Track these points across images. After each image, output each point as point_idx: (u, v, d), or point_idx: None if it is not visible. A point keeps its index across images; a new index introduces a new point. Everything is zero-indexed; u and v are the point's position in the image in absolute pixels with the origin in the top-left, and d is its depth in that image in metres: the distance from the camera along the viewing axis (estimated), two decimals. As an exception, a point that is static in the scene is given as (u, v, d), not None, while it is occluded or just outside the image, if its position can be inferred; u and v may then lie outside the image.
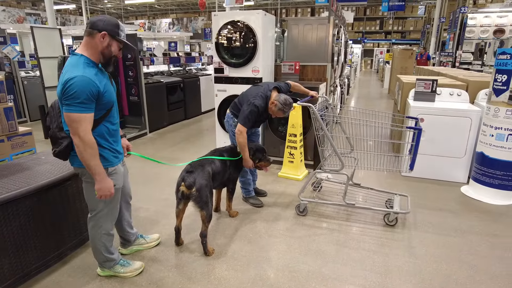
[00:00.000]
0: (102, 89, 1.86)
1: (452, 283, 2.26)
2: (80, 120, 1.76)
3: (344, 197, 3.10)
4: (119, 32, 1.90)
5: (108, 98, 1.92)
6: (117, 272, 2.30)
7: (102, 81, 1.88)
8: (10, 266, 2.15)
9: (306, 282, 2.26)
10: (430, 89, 4.15)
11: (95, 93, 1.81)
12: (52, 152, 2.02)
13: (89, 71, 1.82)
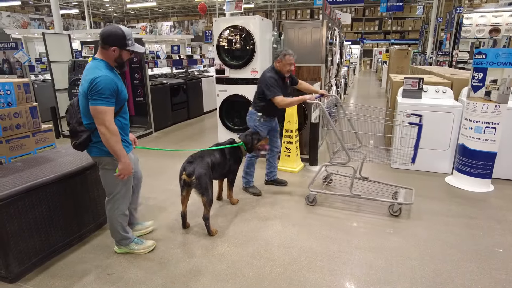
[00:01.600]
0: (120, 87, 2.22)
1: (427, 256, 2.57)
2: (106, 112, 2.10)
3: (351, 189, 3.30)
4: (127, 42, 2.20)
5: (123, 95, 2.28)
6: (132, 249, 2.62)
7: (118, 81, 2.24)
8: (40, 243, 2.48)
9: (298, 256, 2.58)
10: (417, 87, 4.46)
11: (115, 89, 2.16)
12: (72, 144, 2.34)
13: (109, 73, 2.18)
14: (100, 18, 27.23)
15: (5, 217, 2.21)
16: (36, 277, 2.39)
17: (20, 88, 3.02)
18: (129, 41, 2.21)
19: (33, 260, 2.45)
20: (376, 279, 2.32)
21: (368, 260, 2.54)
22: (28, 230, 2.38)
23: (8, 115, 2.92)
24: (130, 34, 2.22)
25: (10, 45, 7.68)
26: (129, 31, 2.23)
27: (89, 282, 2.33)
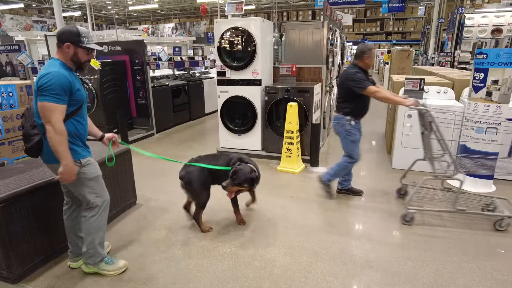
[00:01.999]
0: (74, 86, 2.08)
1: (428, 256, 2.56)
2: (53, 109, 1.97)
3: (456, 203, 3.00)
4: (81, 39, 2.08)
5: (79, 96, 2.14)
6: (101, 269, 2.40)
7: (74, 80, 2.11)
8: (42, 244, 2.49)
9: (299, 257, 2.58)
10: (418, 87, 4.45)
11: (68, 87, 2.03)
12: (24, 149, 2.20)
13: (64, 70, 2.05)
14: (102, 20, 27.36)
15: (7, 218, 2.23)
16: (38, 278, 2.40)
17: (23, 90, 3.05)
18: (84, 38, 2.09)
19: (35, 261, 2.46)
20: (377, 279, 2.32)
21: (369, 260, 2.53)
22: (30, 231, 2.39)
23: (11, 116, 2.94)
24: (87, 33, 2.12)
25: (13, 47, 7.74)
26: (86, 30, 2.14)
27: (90, 283, 2.34)
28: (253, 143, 5.07)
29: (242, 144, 5.13)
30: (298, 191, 3.83)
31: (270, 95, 4.73)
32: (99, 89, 5.87)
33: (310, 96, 4.52)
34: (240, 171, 2.71)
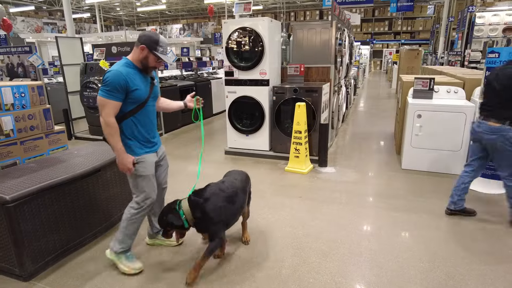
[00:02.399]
0: (132, 85, 2.18)
1: (438, 258, 2.53)
2: (105, 104, 2.12)
3: None
4: (157, 47, 2.20)
5: (136, 95, 2.22)
6: (119, 261, 2.45)
7: (135, 80, 2.21)
8: (53, 242, 2.52)
9: (308, 258, 2.57)
10: (427, 87, 4.41)
11: (123, 86, 2.13)
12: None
13: (125, 69, 2.18)
14: (111, 21, 27.64)
15: (20, 217, 2.26)
16: (49, 275, 2.43)
17: (34, 91, 3.09)
18: (159, 47, 2.20)
19: (46, 259, 2.49)
20: (386, 281, 2.30)
21: (379, 261, 2.51)
22: (41, 230, 2.42)
23: (23, 117, 2.99)
24: (165, 45, 2.23)
25: (25, 49, 7.86)
26: (165, 42, 2.24)
27: (100, 281, 2.37)
28: (261, 143, 5.06)
29: (250, 144, 5.13)
30: (307, 191, 3.82)
31: (278, 95, 4.72)
32: (108, 90, 5.92)
33: (318, 96, 4.50)
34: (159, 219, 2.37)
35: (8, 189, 2.28)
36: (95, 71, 6.07)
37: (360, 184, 3.99)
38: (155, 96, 2.44)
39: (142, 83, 2.28)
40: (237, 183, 2.54)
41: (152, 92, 2.36)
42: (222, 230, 2.36)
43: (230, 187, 2.46)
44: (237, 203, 2.43)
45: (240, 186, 2.53)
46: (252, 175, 4.31)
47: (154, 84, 2.39)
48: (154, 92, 2.39)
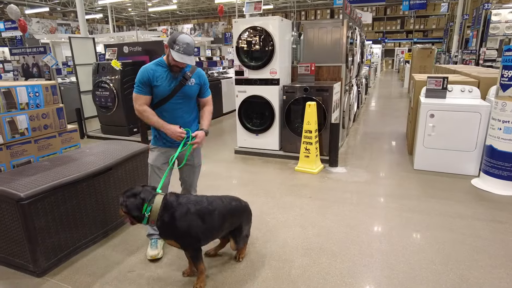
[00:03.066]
0: (155, 81, 2.36)
1: (452, 261, 2.48)
2: (135, 98, 2.40)
3: None
4: (174, 45, 2.26)
5: (158, 91, 2.39)
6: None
7: (160, 76, 2.37)
8: (65, 239, 2.56)
9: (317, 258, 2.55)
10: (441, 86, 4.32)
11: (146, 81, 2.35)
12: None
13: (153, 66, 2.39)
14: (123, 22, 27.97)
15: (33, 214, 2.30)
16: (61, 272, 2.47)
17: (48, 90, 3.14)
18: (176, 45, 2.24)
19: (58, 256, 2.53)
20: (398, 282, 2.26)
21: (390, 262, 2.47)
22: (54, 227, 2.46)
23: (37, 116, 3.04)
24: (182, 43, 2.24)
25: (39, 49, 8.01)
26: (183, 41, 2.24)
27: (111, 279, 2.39)
28: (271, 142, 5.05)
29: (260, 144, 5.13)
30: (317, 191, 3.79)
31: (288, 94, 4.70)
32: (120, 89, 6.00)
33: (329, 95, 4.46)
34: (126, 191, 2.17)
35: (22, 186, 2.32)
36: (107, 70, 6.14)
37: (371, 184, 3.94)
38: (185, 96, 2.48)
39: (166, 81, 2.40)
40: (222, 206, 2.29)
41: (179, 92, 2.44)
42: (194, 243, 2.19)
43: (209, 204, 2.24)
44: (208, 223, 2.19)
45: (223, 211, 2.27)
46: (262, 175, 4.33)
47: (183, 84, 2.45)
48: (182, 92, 2.45)
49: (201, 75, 2.57)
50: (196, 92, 2.56)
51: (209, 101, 2.66)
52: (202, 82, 2.57)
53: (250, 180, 4.19)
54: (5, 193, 2.27)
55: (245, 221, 2.48)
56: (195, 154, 2.66)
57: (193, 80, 2.49)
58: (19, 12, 10.38)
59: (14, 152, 2.86)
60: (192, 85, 2.49)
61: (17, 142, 2.88)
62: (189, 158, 2.56)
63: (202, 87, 2.59)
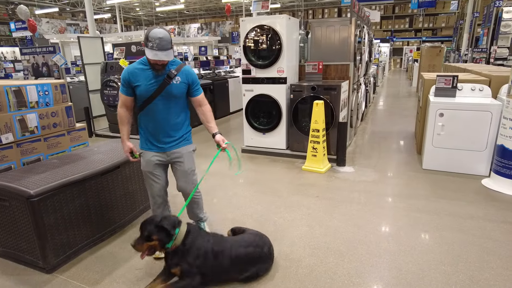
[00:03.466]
0: (135, 81, 2.29)
1: (461, 262, 2.44)
2: (119, 96, 2.41)
3: None
4: (147, 43, 2.13)
5: (140, 92, 2.30)
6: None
7: (139, 76, 2.29)
8: (74, 237, 2.58)
9: (325, 258, 2.53)
10: (450, 85, 4.26)
11: (126, 80, 2.32)
12: None
13: (136, 65, 2.33)
14: (131, 21, 28.15)
15: (43, 211, 2.33)
16: (70, 269, 2.50)
17: (57, 89, 3.17)
18: (149, 42, 2.13)
19: (67, 253, 2.55)
20: (406, 283, 2.23)
21: (398, 263, 2.45)
22: (63, 224, 2.49)
23: (46, 114, 3.07)
24: (154, 38, 2.11)
25: (49, 49, 8.11)
26: (155, 36, 2.11)
27: (119, 276, 2.41)
28: (278, 141, 5.04)
29: (267, 143, 5.12)
30: (324, 190, 3.77)
31: (296, 93, 4.68)
32: (128, 88, 6.03)
33: (337, 94, 4.43)
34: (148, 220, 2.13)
35: (32, 184, 2.35)
36: (115, 69, 6.19)
37: (379, 184, 3.91)
38: (170, 96, 2.34)
39: (147, 81, 2.28)
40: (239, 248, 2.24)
41: (163, 91, 2.30)
42: (196, 276, 2.11)
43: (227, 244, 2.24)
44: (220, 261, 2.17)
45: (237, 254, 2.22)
46: (269, 174, 4.32)
47: (168, 83, 2.30)
48: (166, 91, 2.31)
49: (189, 73, 2.40)
50: (183, 92, 2.39)
51: (202, 99, 2.50)
52: (190, 80, 2.40)
53: (257, 179, 4.18)
54: (16, 190, 2.29)
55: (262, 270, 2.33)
56: (186, 159, 2.51)
57: (179, 78, 2.34)
58: (28, 13, 10.52)
59: (24, 150, 2.90)
60: (177, 84, 2.34)
61: (27, 140, 2.92)
62: (181, 162, 2.49)
63: (191, 85, 2.42)
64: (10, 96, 2.76)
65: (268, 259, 2.35)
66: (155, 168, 2.50)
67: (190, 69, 2.45)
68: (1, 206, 2.41)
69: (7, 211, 2.41)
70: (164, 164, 2.55)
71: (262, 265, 2.31)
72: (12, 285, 2.34)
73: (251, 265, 2.25)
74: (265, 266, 2.34)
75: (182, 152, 2.50)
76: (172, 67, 2.34)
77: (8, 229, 2.47)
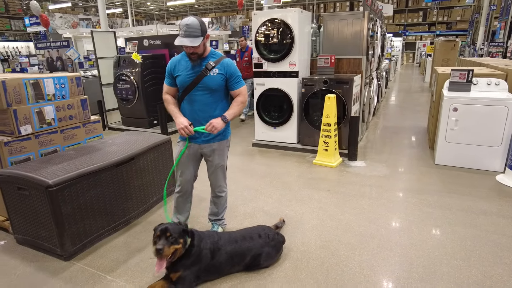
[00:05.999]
0: (176, 71, 2.42)
1: (474, 257, 2.43)
2: (163, 87, 2.52)
3: None
4: (179, 32, 2.24)
5: (179, 82, 2.41)
6: None
7: (181, 66, 2.40)
8: (90, 226, 2.65)
9: (336, 251, 2.55)
10: (465, 79, 4.19)
11: (169, 71, 2.45)
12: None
13: (179, 57, 2.45)
14: (142, 16, 28.29)
15: (61, 200, 2.39)
16: (86, 257, 2.57)
17: (73, 82, 3.24)
18: (179, 31, 2.23)
19: (83, 242, 2.63)
20: (417, 277, 2.24)
21: (409, 257, 2.45)
22: (79, 213, 2.55)
23: (63, 106, 3.14)
24: (183, 25, 2.19)
25: (63, 43, 8.23)
26: (183, 23, 2.19)
27: (133, 264, 2.47)
28: (289, 135, 5.04)
29: (277, 137, 5.13)
30: (335, 185, 3.77)
31: (307, 87, 4.67)
32: (140, 82, 6.10)
33: (349, 87, 4.40)
34: (170, 224, 2.11)
35: (50, 174, 2.42)
36: (128, 63, 6.25)
37: (391, 178, 3.89)
38: (207, 88, 2.37)
39: (186, 71, 2.38)
40: (236, 245, 2.28)
41: (199, 83, 2.34)
42: (192, 279, 2.11)
43: (225, 241, 2.28)
44: (216, 260, 2.20)
45: (233, 251, 2.26)
46: (279, 168, 4.34)
47: (204, 75, 2.33)
48: (203, 83, 2.35)
49: (228, 65, 2.39)
50: (220, 84, 2.39)
51: (241, 92, 2.46)
52: (228, 72, 2.39)
53: (268, 172, 4.20)
54: (35, 180, 2.37)
55: (265, 258, 2.34)
56: (217, 153, 2.52)
57: (216, 70, 2.35)
58: (39, 8, 10.69)
59: (42, 142, 2.97)
60: (214, 75, 2.35)
61: (45, 132, 2.99)
62: (209, 155, 2.51)
63: (229, 78, 2.40)
64: (28, 89, 2.83)
65: (268, 249, 2.35)
66: (186, 160, 2.54)
67: (230, 61, 2.45)
68: (22, 195, 2.49)
69: (27, 200, 2.48)
70: (197, 156, 2.57)
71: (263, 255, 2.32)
72: (33, 271, 2.42)
73: (250, 257, 2.30)
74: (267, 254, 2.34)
75: (214, 147, 2.51)
76: (212, 59, 2.38)
77: (28, 218, 2.55)
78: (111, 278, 2.33)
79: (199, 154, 2.56)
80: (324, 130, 4.32)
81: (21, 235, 2.69)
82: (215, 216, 2.81)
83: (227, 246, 2.26)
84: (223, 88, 2.44)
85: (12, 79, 2.72)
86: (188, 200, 2.73)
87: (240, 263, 2.29)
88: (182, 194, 2.65)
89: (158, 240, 2.01)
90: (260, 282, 2.24)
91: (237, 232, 2.44)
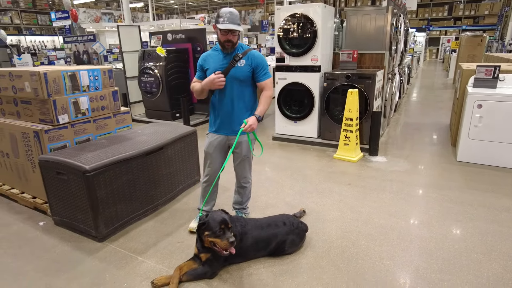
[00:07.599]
0: (206, 65, 2.52)
1: (495, 251, 2.45)
2: (194, 79, 2.64)
3: None
4: (218, 19, 2.32)
5: (209, 73, 2.45)
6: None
7: (210, 60, 2.51)
8: (121, 210, 2.82)
9: (356, 241, 2.62)
10: (491, 76, 4.13)
11: (200, 65, 2.56)
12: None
13: (210, 51, 2.57)
14: (162, 10, 28.65)
15: (96, 185, 2.56)
16: (118, 239, 2.73)
17: (105, 74, 3.40)
18: (220, 18, 2.29)
19: (115, 225, 2.79)
20: (437, 268, 2.28)
21: (429, 249, 2.49)
22: (112, 198, 2.72)
23: (96, 97, 3.31)
24: (225, 13, 2.28)
25: (89, 37, 8.51)
26: (225, 11, 2.29)
27: (162, 247, 2.61)
28: (309, 130, 5.10)
29: (298, 131, 5.19)
30: (356, 179, 3.82)
31: (329, 82, 4.71)
32: (164, 75, 6.27)
33: (372, 83, 4.42)
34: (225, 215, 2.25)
35: (87, 160, 2.58)
36: (152, 57, 6.43)
37: (411, 174, 3.90)
38: (235, 79, 2.45)
39: (216, 64, 2.47)
40: (262, 231, 2.41)
41: (228, 74, 2.42)
42: (221, 261, 2.26)
43: (252, 226, 2.41)
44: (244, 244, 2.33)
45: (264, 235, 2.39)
46: (300, 162, 4.41)
47: (233, 66, 2.41)
48: (231, 74, 2.43)
49: (254, 56, 2.46)
50: (247, 75, 2.46)
51: (266, 85, 2.51)
52: (255, 64, 2.45)
53: (288, 166, 4.29)
54: (73, 166, 2.54)
55: (289, 245, 2.45)
56: (243, 145, 2.60)
57: (243, 61, 2.43)
58: (69, 3, 11.08)
59: (77, 130, 3.16)
60: (242, 66, 2.42)
61: (80, 121, 3.17)
62: (237, 146, 2.59)
63: (255, 69, 2.47)
64: (66, 81, 3.00)
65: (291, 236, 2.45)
66: (215, 151, 2.65)
67: (257, 53, 2.52)
68: (61, 179, 2.68)
69: (65, 185, 2.66)
70: (224, 147, 2.68)
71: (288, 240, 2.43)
72: (70, 250, 2.60)
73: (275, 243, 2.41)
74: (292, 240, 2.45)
75: (241, 139, 2.58)
76: (240, 51, 2.48)
77: (66, 201, 2.73)
78: (142, 259, 2.48)
79: (226, 145, 2.67)
80: (346, 124, 4.36)
81: (58, 217, 2.88)
82: (239, 205, 2.93)
83: (254, 231, 2.37)
84: (250, 79, 2.52)
85: (53, 71, 2.90)
86: (214, 189, 2.85)
87: (265, 248, 2.40)
88: (209, 184, 2.76)
89: (223, 232, 2.13)
90: (283, 267, 2.34)
91: (263, 219, 2.55)
